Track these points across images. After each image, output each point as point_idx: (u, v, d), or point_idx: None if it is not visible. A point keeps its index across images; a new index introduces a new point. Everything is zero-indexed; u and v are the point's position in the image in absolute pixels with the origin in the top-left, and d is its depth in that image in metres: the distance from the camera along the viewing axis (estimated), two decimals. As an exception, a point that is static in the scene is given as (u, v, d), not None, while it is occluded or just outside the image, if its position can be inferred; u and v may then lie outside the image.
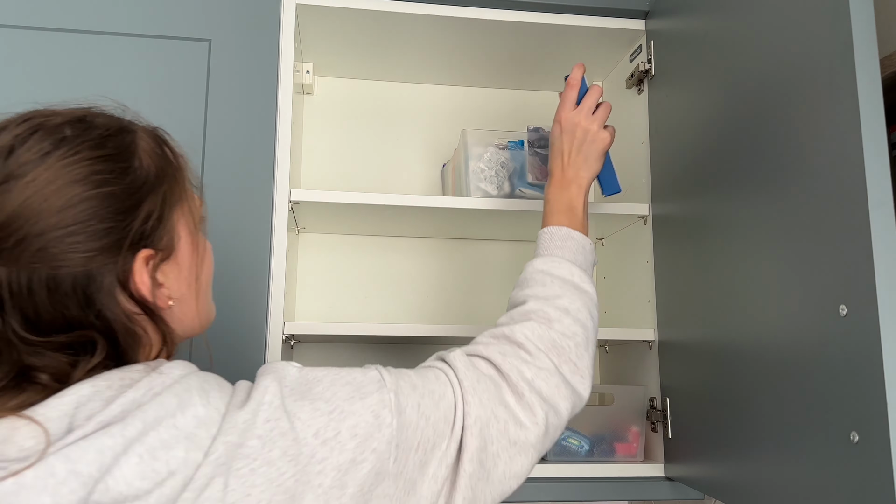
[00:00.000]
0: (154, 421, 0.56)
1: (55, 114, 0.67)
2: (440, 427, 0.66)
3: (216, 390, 0.61)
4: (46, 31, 1.18)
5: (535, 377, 0.74)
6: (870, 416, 0.73)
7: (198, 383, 0.61)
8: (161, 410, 0.57)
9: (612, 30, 1.37)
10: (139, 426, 0.55)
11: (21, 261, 0.59)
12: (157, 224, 0.66)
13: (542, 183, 1.34)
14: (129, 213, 0.64)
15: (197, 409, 0.58)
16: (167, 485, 0.54)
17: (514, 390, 0.72)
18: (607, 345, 1.56)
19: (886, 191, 0.74)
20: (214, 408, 0.59)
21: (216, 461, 0.56)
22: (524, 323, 0.79)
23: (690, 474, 1.15)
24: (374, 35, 1.41)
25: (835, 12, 0.80)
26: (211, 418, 0.58)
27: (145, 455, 0.54)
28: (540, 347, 0.77)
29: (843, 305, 0.77)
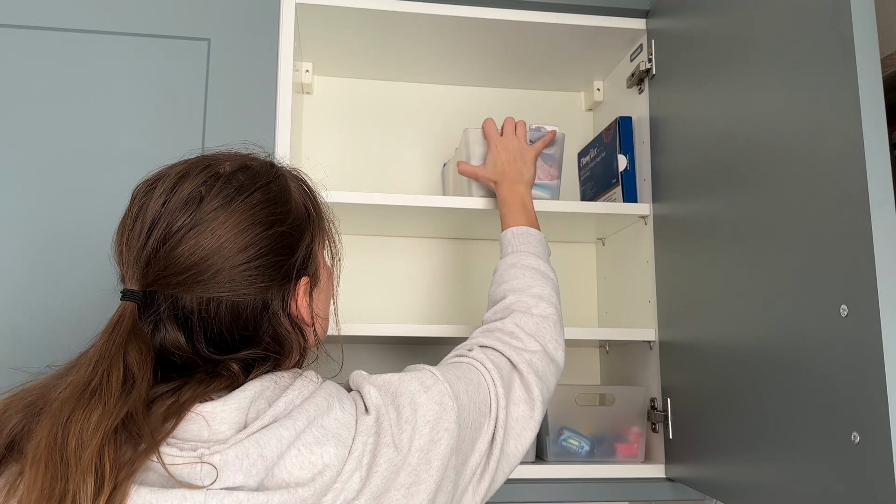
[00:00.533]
0: (312, 419, 0.66)
1: (225, 160, 0.75)
2: (483, 409, 0.78)
3: (346, 397, 0.72)
4: (46, 31, 1.18)
5: (532, 358, 0.87)
6: (871, 417, 0.73)
7: (334, 390, 0.72)
8: (316, 411, 0.67)
9: (612, 29, 1.37)
10: (304, 422, 0.66)
11: (212, 290, 0.69)
12: (309, 257, 0.77)
13: (546, 182, 1.34)
14: (295, 247, 0.75)
15: (337, 412, 0.68)
16: (325, 475, 0.64)
17: (520, 373, 0.85)
18: (608, 345, 1.56)
19: (887, 190, 0.74)
20: (349, 413, 0.69)
21: (356, 458, 0.66)
22: (510, 315, 0.93)
23: (691, 475, 1.15)
24: (373, 34, 1.40)
25: (835, 12, 0.80)
26: (348, 421, 0.68)
27: (304, 449, 0.65)
28: (529, 333, 0.91)
29: (844, 306, 0.77)
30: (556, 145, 1.34)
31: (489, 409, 0.79)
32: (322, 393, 0.70)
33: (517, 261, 1.01)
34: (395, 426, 0.70)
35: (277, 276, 0.73)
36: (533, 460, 1.28)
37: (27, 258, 1.13)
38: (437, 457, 0.71)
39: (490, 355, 0.85)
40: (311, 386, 0.71)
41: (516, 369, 0.86)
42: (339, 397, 0.71)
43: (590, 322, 1.61)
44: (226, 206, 0.70)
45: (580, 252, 1.64)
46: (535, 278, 0.98)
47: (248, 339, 0.72)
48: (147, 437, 0.61)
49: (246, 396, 0.66)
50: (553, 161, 1.34)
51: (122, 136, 1.18)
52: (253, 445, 0.63)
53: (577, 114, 1.69)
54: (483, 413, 0.78)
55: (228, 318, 0.70)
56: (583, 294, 1.62)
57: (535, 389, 0.84)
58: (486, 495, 0.78)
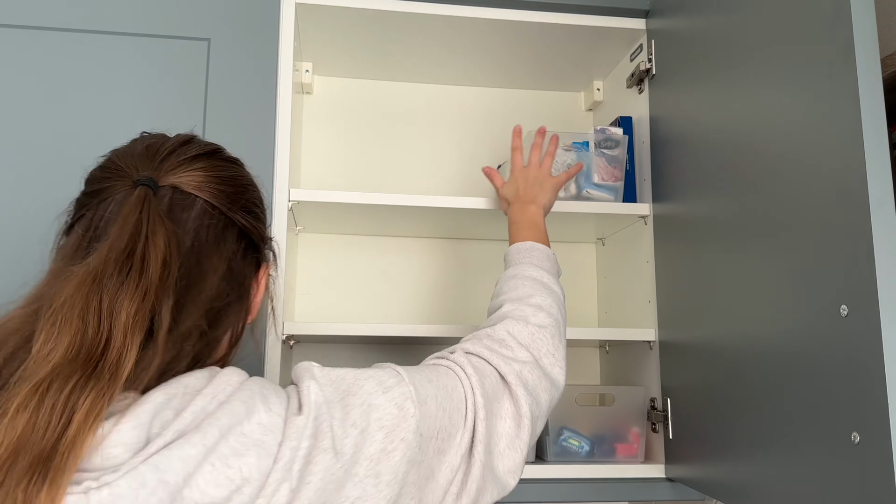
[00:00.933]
0: (227, 429, 0.56)
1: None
2: (455, 417, 0.69)
3: (274, 395, 0.62)
4: (46, 31, 1.18)
5: (522, 370, 0.79)
6: (871, 417, 0.73)
7: (258, 389, 0.62)
8: (232, 418, 0.57)
9: (612, 29, 1.37)
10: (216, 434, 0.56)
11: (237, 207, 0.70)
12: (266, 246, 0.77)
13: (609, 184, 1.35)
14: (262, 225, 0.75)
15: (260, 415, 0.59)
16: (244, 492, 0.55)
17: (508, 385, 0.77)
18: (608, 345, 1.56)
19: (887, 191, 0.74)
20: (276, 414, 0.60)
21: (283, 467, 0.57)
22: (504, 321, 0.85)
23: (691, 475, 1.15)
24: (373, 34, 1.40)
25: (835, 12, 0.80)
26: (275, 424, 0.59)
27: (218, 463, 0.55)
28: (521, 342, 0.82)
29: (844, 305, 0.77)
30: (619, 147, 1.35)
31: (463, 419, 0.70)
32: (241, 395, 0.60)
33: (518, 272, 0.94)
34: (339, 428, 0.61)
35: (256, 243, 0.73)
36: (533, 460, 1.28)
37: (27, 258, 1.12)
38: (389, 469, 0.62)
39: (474, 362, 0.77)
40: (229, 388, 0.60)
41: (504, 381, 0.77)
42: (263, 396, 0.61)
43: (590, 322, 1.61)
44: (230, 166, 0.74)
45: (580, 252, 1.64)
46: (535, 288, 0.90)
47: (204, 294, 0.66)
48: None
49: (146, 410, 0.56)
50: (617, 162, 1.35)
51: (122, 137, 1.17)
52: (150, 470, 0.52)
53: (577, 114, 1.69)
54: (455, 423, 0.69)
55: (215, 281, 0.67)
56: (583, 294, 1.62)
57: (524, 405, 0.75)
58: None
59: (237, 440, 0.56)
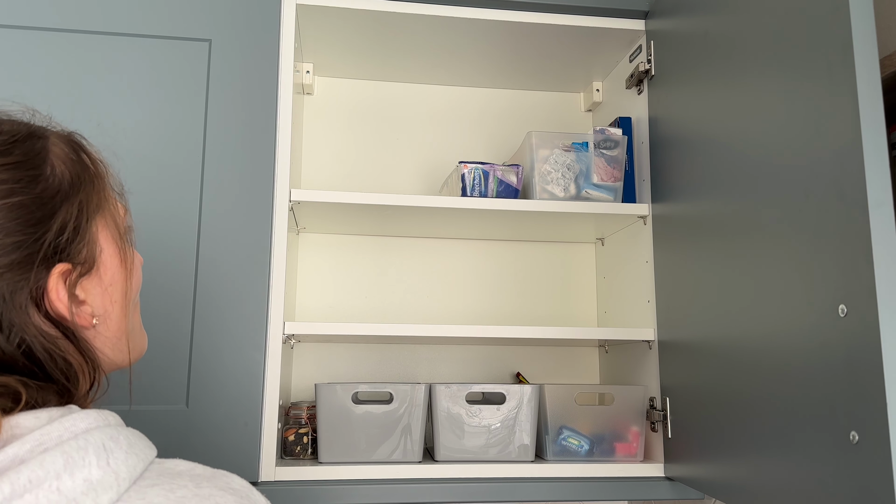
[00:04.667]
0: (29, 483, 0.46)
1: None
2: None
3: (122, 451, 0.53)
4: (46, 31, 1.19)
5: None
6: (869, 416, 0.73)
7: (99, 440, 0.52)
8: (39, 471, 0.47)
9: (612, 30, 1.37)
10: (6, 490, 0.45)
11: None
12: (74, 236, 0.60)
13: (608, 184, 1.35)
14: (41, 224, 0.58)
15: (91, 470, 0.49)
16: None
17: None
18: (607, 344, 1.56)
19: (886, 191, 0.74)
20: (112, 471, 0.51)
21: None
22: None
23: (690, 474, 1.15)
24: (374, 35, 1.41)
25: (834, 13, 0.80)
26: (105, 483, 0.50)
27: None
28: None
29: (843, 305, 0.77)
30: (618, 147, 1.35)
31: None
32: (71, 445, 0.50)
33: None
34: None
35: (15, 263, 0.56)
36: (532, 459, 1.28)
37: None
38: None
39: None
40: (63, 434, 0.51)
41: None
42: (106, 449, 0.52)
43: (589, 322, 1.61)
44: None
45: (580, 252, 1.64)
46: None
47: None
48: None
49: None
50: (616, 163, 1.36)
51: (123, 137, 1.18)
52: None
53: (577, 114, 1.69)
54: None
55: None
56: (582, 294, 1.62)
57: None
58: None
59: (47, 498, 0.47)
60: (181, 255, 1.15)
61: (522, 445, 1.28)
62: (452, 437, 1.26)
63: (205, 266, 1.15)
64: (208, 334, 1.14)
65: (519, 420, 1.28)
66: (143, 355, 0.69)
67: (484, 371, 1.56)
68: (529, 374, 1.57)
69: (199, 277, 1.15)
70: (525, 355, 1.58)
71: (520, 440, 1.28)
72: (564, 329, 1.30)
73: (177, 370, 1.13)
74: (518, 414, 1.28)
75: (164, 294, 1.14)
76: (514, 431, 1.28)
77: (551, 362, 1.59)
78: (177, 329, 1.14)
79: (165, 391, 1.13)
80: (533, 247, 1.62)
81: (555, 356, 1.59)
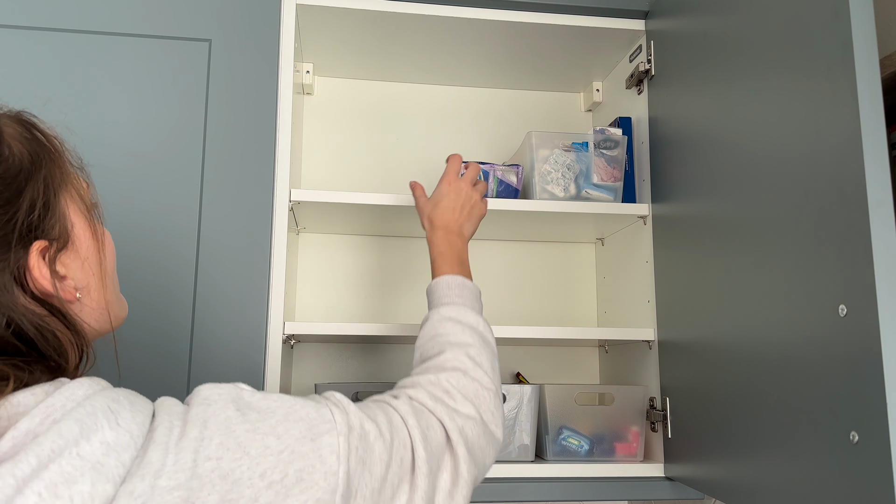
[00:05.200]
0: (52, 453, 0.48)
1: None
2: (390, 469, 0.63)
3: (127, 410, 0.54)
4: (46, 31, 1.19)
5: (465, 425, 0.74)
6: (869, 417, 0.73)
7: (104, 404, 0.53)
8: (59, 440, 0.49)
9: (611, 30, 1.37)
10: (33, 462, 0.47)
11: None
12: (45, 212, 0.60)
13: (608, 184, 1.35)
14: (10, 205, 0.58)
15: (105, 433, 0.51)
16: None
17: (450, 441, 0.72)
18: (607, 344, 1.56)
19: (886, 191, 0.74)
20: (125, 430, 0.52)
21: (132, 493, 0.49)
22: (446, 372, 0.79)
23: (690, 474, 1.15)
24: (374, 35, 1.41)
25: (834, 13, 0.80)
26: (121, 443, 0.51)
27: (45, 493, 0.47)
28: (466, 396, 0.77)
29: (843, 305, 0.77)
30: (618, 147, 1.35)
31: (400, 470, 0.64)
32: (80, 412, 0.51)
33: (454, 314, 0.87)
34: (247, 468, 0.54)
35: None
36: (532, 459, 1.28)
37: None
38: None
39: (417, 411, 0.71)
40: (69, 403, 0.52)
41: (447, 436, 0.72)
42: (112, 411, 0.53)
43: (589, 322, 1.61)
44: None
45: (580, 252, 1.64)
46: (474, 338, 0.84)
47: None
48: None
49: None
50: (616, 163, 1.36)
51: (123, 137, 1.18)
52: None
53: (577, 114, 1.69)
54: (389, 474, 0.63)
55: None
56: (582, 294, 1.62)
57: (462, 466, 0.70)
58: None
59: (71, 464, 0.48)
60: (181, 255, 1.15)
61: (522, 445, 1.28)
62: (452, 437, 1.26)
63: (205, 266, 1.15)
64: (208, 334, 1.14)
65: (519, 420, 1.28)
66: (124, 321, 0.70)
67: (484, 371, 1.56)
68: (529, 374, 1.57)
69: (198, 277, 1.15)
70: (525, 355, 1.58)
71: (520, 440, 1.28)
72: (564, 329, 1.30)
73: (177, 370, 1.13)
74: (518, 414, 1.28)
75: (164, 294, 1.14)
76: (514, 431, 1.28)
77: (551, 362, 1.59)
78: (177, 329, 1.14)
79: (165, 391, 1.12)
80: (533, 247, 1.62)
81: (555, 356, 1.59)
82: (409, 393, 0.74)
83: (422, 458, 0.66)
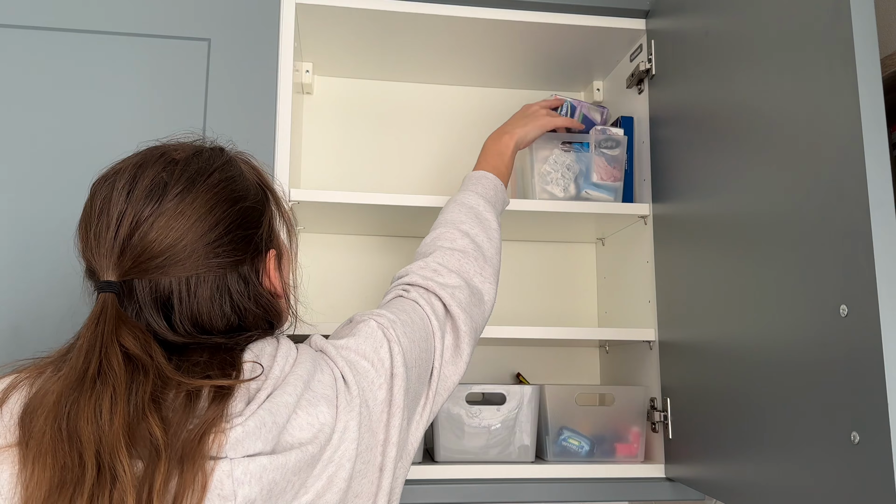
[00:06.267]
0: (305, 383, 0.71)
1: (176, 149, 0.78)
2: (426, 346, 0.85)
3: (320, 359, 0.76)
4: (46, 31, 1.18)
5: (455, 293, 0.92)
6: (870, 417, 0.73)
7: (310, 353, 0.76)
8: (307, 374, 0.72)
9: (612, 29, 1.37)
10: (301, 386, 0.70)
11: (189, 269, 0.72)
12: (271, 229, 0.82)
13: (609, 184, 1.34)
14: (258, 221, 0.79)
15: (321, 374, 0.73)
16: (323, 433, 0.69)
17: (447, 308, 0.91)
18: (607, 345, 1.56)
19: (887, 191, 0.74)
20: (329, 374, 0.74)
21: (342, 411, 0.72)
22: (433, 253, 0.98)
23: (691, 475, 1.15)
24: (373, 34, 1.40)
25: (835, 12, 0.80)
26: (329, 382, 0.73)
27: (302, 411, 0.69)
28: (451, 269, 0.95)
29: (844, 305, 0.77)
30: (619, 147, 1.35)
31: (433, 347, 0.86)
32: (303, 357, 0.74)
33: (459, 197, 1.06)
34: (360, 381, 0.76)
35: (248, 250, 0.77)
36: (532, 460, 1.28)
37: (28, 258, 1.13)
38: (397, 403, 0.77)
39: (423, 295, 0.90)
40: (293, 351, 0.75)
41: (444, 304, 0.91)
42: (315, 360, 0.75)
43: (590, 322, 1.61)
44: (189, 189, 0.73)
45: (580, 252, 1.64)
46: (468, 215, 1.02)
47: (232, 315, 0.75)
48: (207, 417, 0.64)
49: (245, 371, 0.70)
50: (616, 163, 1.35)
51: (122, 137, 1.18)
52: (267, 414, 0.66)
53: (577, 114, 1.69)
54: (428, 350, 0.85)
55: (208, 294, 0.73)
56: (583, 294, 1.62)
57: (460, 323, 0.90)
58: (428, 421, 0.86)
59: (311, 393, 0.71)
60: (180, 256, 1.15)
61: (523, 446, 1.28)
62: (452, 437, 1.26)
63: (204, 266, 1.15)
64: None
65: (519, 420, 1.28)
66: None
67: (484, 371, 1.56)
68: (530, 375, 1.57)
69: (198, 278, 1.15)
70: (525, 355, 1.58)
71: (520, 441, 1.28)
72: (565, 329, 1.30)
73: (176, 370, 1.12)
74: (518, 414, 1.28)
75: (163, 294, 1.14)
76: (515, 432, 1.27)
77: (552, 362, 1.58)
78: (176, 329, 1.13)
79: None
80: (533, 247, 1.62)
81: (555, 356, 1.59)
82: (411, 280, 0.93)
83: (436, 327, 0.88)
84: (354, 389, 0.74)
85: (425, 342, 0.85)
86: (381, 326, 0.81)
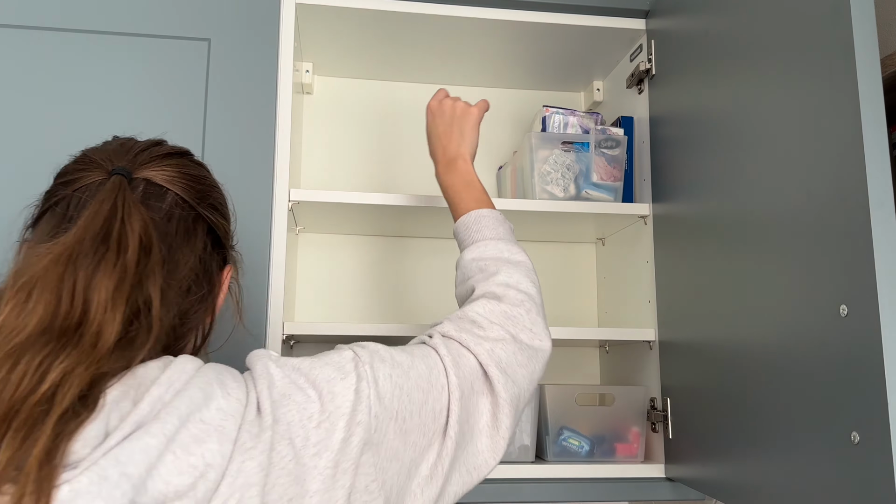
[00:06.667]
0: (185, 416, 0.56)
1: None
2: (422, 397, 0.68)
3: (231, 381, 0.62)
4: (46, 31, 1.18)
5: (494, 348, 0.77)
6: (870, 417, 0.73)
7: (215, 375, 0.61)
8: (190, 405, 0.57)
9: (612, 29, 1.37)
10: (175, 423, 0.55)
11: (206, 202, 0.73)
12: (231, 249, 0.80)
13: (609, 183, 1.34)
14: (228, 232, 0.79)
15: (219, 401, 0.59)
16: (208, 477, 0.54)
17: (482, 366, 0.75)
18: (607, 345, 1.56)
19: (887, 191, 0.74)
20: (235, 398, 0.60)
21: (242, 448, 0.57)
22: (473, 303, 0.82)
23: (691, 475, 1.15)
24: (373, 34, 1.40)
25: (835, 12, 0.80)
26: (233, 409, 0.59)
27: (179, 451, 0.54)
28: (493, 321, 0.80)
29: (844, 305, 0.77)
30: (619, 147, 1.35)
31: (435, 399, 0.69)
32: (198, 381, 0.59)
33: (476, 253, 0.89)
34: (297, 421, 0.61)
35: (220, 249, 0.76)
36: (533, 460, 1.28)
37: (27, 258, 1.13)
38: (348, 458, 0.61)
39: (448, 344, 0.76)
40: (184, 375, 0.60)
41: (479, 362, 0.75)
42: (221, 382, 0.61)
43: (589, 322, 1.61)
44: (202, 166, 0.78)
45: (580, 252, 1.64)
46: (499, 265, 0.87)
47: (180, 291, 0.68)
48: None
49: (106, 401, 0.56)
50: (616, 163, 1.35)
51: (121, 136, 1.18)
52: (111, 464, 0.51)
53: (577, 114, 1.69)
54: (422, 403, 0.68)
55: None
56: (582, 294, 1.62)
57: (498, 386, 0.74)
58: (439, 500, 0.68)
59: (197, 427, 0.56)
60: (180, 256, 1.15)
61: (523, 446, 1.28)
62: (452, 437, 1.26)
63: (204, 266, 1.15)
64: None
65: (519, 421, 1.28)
66: None
67: (484, 371, 1.56)
68: (530, 375, 1.57)
69: (198, 278, 1.15)
70: (525, 355, 1.58)
71: (520, 441, 1.28)
72: (565, 329, 1.30)
73: (176, 370, 1.13)
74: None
75: (163, 294, 1.14)
76: (515, 432, 1.27)
77: (551, 362, 1.58)
78: (176, 329, 1.13)
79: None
80: (533, 247, 1.62)
81: (555, 356, 1.59)
82: (438, 330, 0.79)
83: (454, 384, 0.71)
84: (268, 419, 0.59)
85: (425, 394, 0.69)
86: (355, 358, 0.67)
